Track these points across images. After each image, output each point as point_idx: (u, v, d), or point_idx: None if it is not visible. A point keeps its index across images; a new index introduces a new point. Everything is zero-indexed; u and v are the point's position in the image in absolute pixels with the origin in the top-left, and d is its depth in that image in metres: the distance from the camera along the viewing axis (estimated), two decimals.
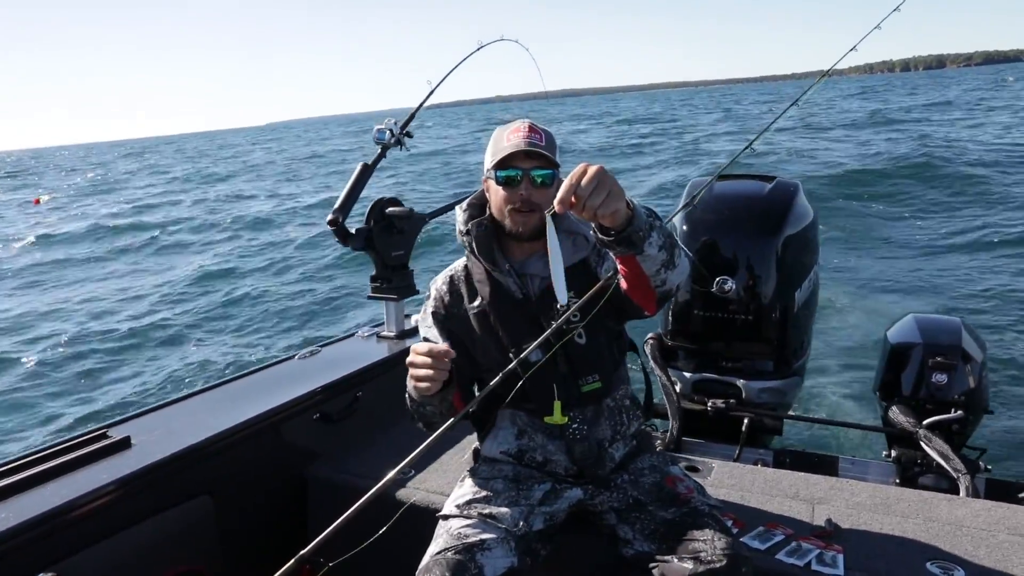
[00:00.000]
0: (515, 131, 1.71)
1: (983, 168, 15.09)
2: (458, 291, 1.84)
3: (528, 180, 1.69)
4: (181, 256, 14.13)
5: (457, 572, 1.53)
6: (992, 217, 11.31)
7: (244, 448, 2.19)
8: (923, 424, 2.73)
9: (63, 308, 10.43)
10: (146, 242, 15.79)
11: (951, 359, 2.78)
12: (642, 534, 1.68)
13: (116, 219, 19.94)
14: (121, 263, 13.93)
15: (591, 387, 1.75)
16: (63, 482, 1.82)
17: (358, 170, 2.99)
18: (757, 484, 2.22)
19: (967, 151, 17.08)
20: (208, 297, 10.47)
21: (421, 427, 1.81)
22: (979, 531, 1.92)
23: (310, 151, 48.14)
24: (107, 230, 18.04)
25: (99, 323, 9.46)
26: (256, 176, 31.13)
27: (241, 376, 2.63)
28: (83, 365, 7.79)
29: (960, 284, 8.23)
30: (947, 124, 24.91)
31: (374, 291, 3.14)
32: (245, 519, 2.22)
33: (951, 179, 14.25)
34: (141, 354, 8.09)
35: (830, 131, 24.90)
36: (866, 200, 13.14)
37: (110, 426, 2.15)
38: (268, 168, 35.96)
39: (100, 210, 22.87)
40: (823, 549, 1.82)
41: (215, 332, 8.80)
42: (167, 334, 8.75)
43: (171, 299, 10.50)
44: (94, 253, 15.22)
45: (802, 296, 3.10)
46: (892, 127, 24.86)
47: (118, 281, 12.20)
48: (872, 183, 14.41)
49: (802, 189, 3.26)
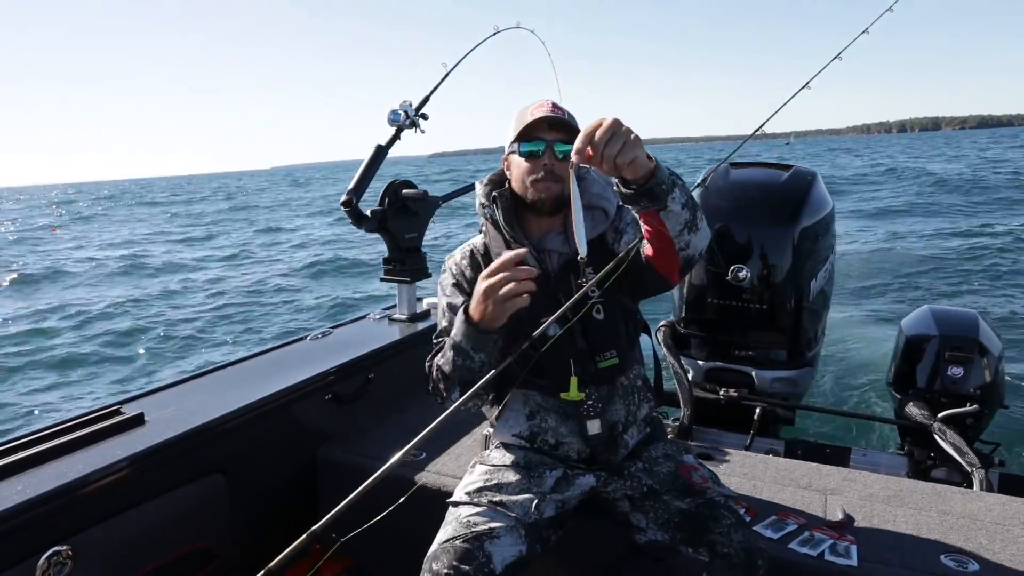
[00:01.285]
0: (538, 106, 1.72)
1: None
2: (478, 265, 1.80)
3: (551, 152, 1.68)
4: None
5: (465, 560, 1.52)
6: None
7: (256, 427, 2.19)
8: (938, 417, 2.71)
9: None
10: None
11: (968, 352, 2.75)
12: (656, 523, 1.67)
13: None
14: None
15: (608, 363, 1.73)
16: (77, 457, 1.82)
17: (372, 152, 2.98)
18: (769, 474, 2.21)
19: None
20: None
21: (460, 402, 1.55)
22: (994, 525, 1.90)
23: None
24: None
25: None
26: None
27: (254, 356, 2.64)
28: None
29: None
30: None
31: (387, 273, 3.14)
32: (257, 498, 2.23)
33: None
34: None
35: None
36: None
37: (124, 403, 2.16)
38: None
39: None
40: (836, 539, 1.80)
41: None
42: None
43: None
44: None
45: (817, 286, 3.08)
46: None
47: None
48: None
49: (820, 178, 3.22)
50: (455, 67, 3.22)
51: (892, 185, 25.41)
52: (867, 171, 32.75)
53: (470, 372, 1.60)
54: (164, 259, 16.82)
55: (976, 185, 22.62)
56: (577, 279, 1.73)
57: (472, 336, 1.55)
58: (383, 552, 2.15)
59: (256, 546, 2.23)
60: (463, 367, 1.60)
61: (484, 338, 1.54)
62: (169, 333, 9.18)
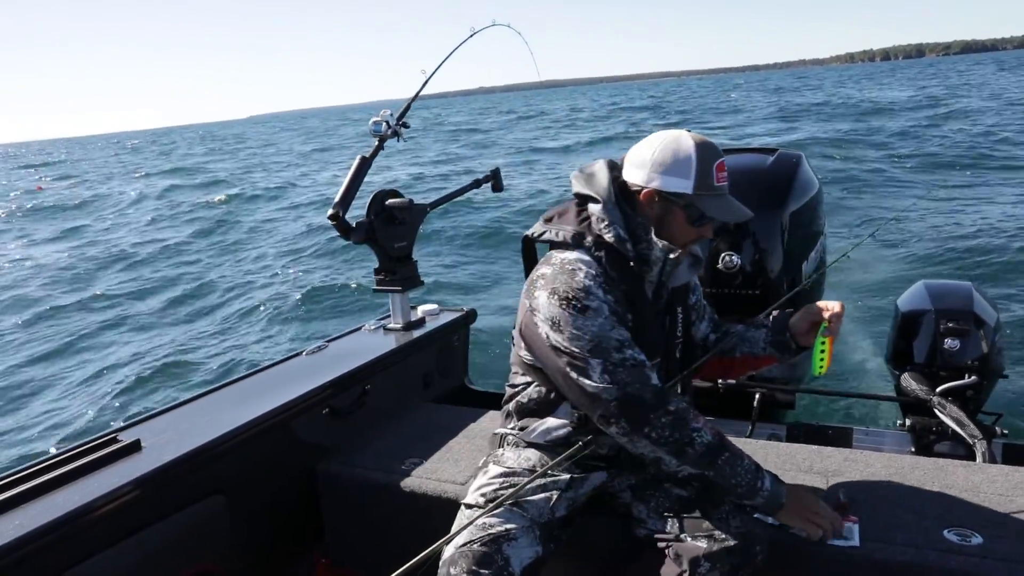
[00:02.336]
0: (721, 169, 1.68)
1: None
2: (618, 296, 1.66)
3: (712, 223, 1.71)
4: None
5: (483, 564, 1.52)
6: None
7: (254, 446, 2.19)
8: (937, 391, 2.70)
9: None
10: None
11: (963, 324, 2.74)
12: (656, 512, 1.67)
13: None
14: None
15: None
16: (75, 487, 1.82)
17: (356, 163, 2.98)
18: (770, 459, 2.20)
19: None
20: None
21: (653, 452, 1.63)
22: (997, 496, 1.89)
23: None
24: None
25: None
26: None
27: (249, 375, 2.63)
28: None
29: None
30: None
31: (379, 283, 3.13)
32: (258, 516, 2.22)
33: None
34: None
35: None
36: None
37: (120, 431, 2.15)
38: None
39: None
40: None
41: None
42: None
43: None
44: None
45: (809, 268, 3.07)
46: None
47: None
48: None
49: (806, 160, 3.22)
50: (433, 73, 3.23)
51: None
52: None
53: (718, 486, 1.66)
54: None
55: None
56: (669, 314, 1.82)
57: (772, 501, 1.65)
58: (388, 561, 2.14)
59: (261, 564, 2.23)
60: (731, 487, 1.63)
61: (771, 508, 1.66)
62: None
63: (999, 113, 24.26)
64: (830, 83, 63.76)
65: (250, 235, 15.09)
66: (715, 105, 44.36)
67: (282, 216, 16.76)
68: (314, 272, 10.93)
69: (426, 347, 3.04)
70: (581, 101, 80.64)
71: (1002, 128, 19.65)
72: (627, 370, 1.56)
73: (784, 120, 27.83)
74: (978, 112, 25.01)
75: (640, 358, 1.59)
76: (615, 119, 40.05)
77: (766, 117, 30.50)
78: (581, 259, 1.64)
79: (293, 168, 29.12)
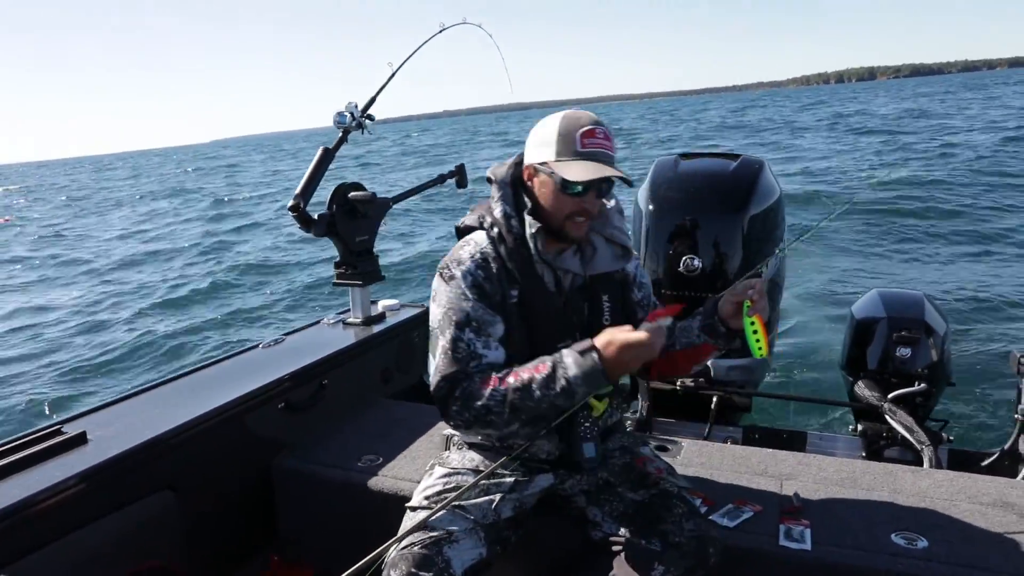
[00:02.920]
0: (588, 134, 1.59)
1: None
2: (492, 274, 1.66)
3: (595, 192, 1.62)
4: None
5: (423, 566, 1.50)
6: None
7: (207, 440, 2.14)
8: (888, 398, 2.76)
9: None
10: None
11: (915, 333, 2.81)
12: (611, 516, 1.67)
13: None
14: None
15: (607, 390, 1.71)
16: (14, 480, 1.76)
17: (319, 155, 2.93)
18: (726, 462, 2.22)
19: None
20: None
21: (509, 434, 1.62)
22: (942, 501, 1.94)
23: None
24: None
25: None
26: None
27: (203, 367, 2.57)
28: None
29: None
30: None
31: (339, 277, 3.09)
32: (210, 512, 2.17)
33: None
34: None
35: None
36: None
37: (64, 422, 2.09)
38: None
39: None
40: (791, 524, 1.82)
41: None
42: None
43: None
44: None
45: (769, 273, 3.11)
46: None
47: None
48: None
49: (768, 166, 3.26)
50: (401, 66, 3.19)
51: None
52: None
53: (556, 412, 1.53)
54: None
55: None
56: (589, 303, 1.74)
57: (595, 379, 1.48)
58: (343, 559, 2.11)
59: (212, 560, 2.18)
60: (562, 407, 1.53)
61: (603, 383, 1.50)
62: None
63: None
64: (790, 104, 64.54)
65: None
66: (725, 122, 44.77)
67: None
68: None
69: (386, 342, 3.01)
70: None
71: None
72: (449, 358, 1.59)
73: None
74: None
75: (477, 348, 1.60)
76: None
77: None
78: (475, 238, 1.71)
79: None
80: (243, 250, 13.77)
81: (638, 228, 3.15)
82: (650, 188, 3.14)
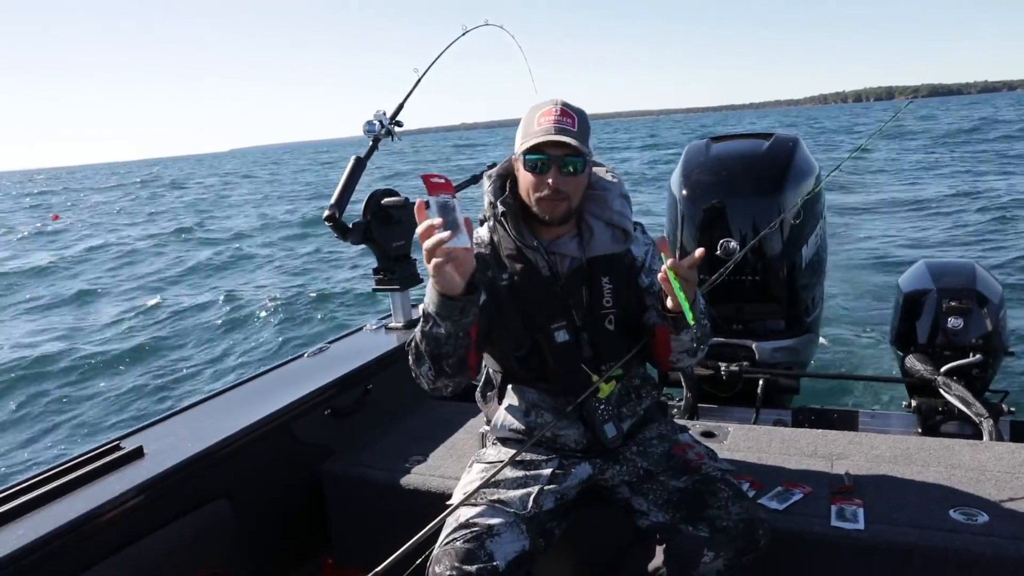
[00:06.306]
0: (546, 113, 1.63)
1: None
2: (484, 259, 1.74)
3: (556, 167, 1.63)
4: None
5: (467, 561, 1.52)
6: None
7: (258, 448, 2.19)
8: (941, 371, 2.68)
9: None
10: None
11: (965, 303, 2.72)
12: (656, 504, 1.66)
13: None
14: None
15: (614, 374, 1.73)
16: (78, 496, 1.82)
17: (351, 164, 2.98)
18: (775, 445, 2.19)
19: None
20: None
21: (429, 379, 1.67)
22: (1003, 474, 1.88)
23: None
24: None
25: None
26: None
27: (251, 379, 2.63)
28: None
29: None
30: None
31: (378, 283, 3.13)
32: (263, 519, 2.23)
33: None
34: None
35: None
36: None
37: (122, 438, 2.16)
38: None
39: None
40: (843, 504, 1.79)
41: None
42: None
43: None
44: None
45: (809, 252, 3.05)
46: None
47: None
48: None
49: (803, 143, 3.20)
50: (427, 71, 3.22)
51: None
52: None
53: (436, 342, 1.57)
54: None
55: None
56: (588, 285, 1.73)
57: (436, 302, 1.49)
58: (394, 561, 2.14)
59: (267, 566, 2.24)
60: (430, 335, 1.57)
61: (449, 305, 1.48)
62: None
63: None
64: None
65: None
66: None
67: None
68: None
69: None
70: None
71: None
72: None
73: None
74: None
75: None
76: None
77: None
78: (480, 228, 1.81)
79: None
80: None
81: (673, 215, 3.12)
82: (682, 173, 3.11)
